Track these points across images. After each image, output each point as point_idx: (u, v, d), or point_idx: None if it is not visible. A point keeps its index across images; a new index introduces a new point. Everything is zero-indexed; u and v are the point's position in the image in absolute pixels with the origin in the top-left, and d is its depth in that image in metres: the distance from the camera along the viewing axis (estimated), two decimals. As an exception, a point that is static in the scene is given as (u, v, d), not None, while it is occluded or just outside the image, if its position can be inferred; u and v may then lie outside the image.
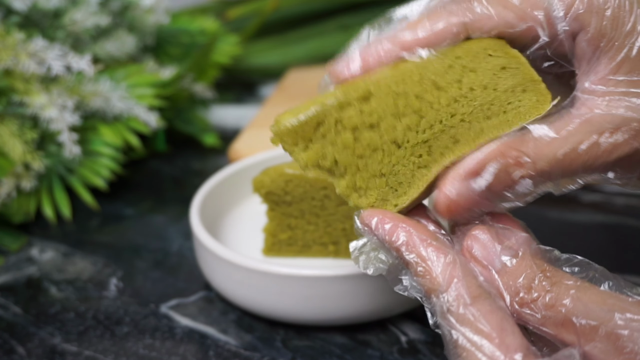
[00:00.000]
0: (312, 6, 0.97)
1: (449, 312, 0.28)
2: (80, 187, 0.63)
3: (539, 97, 0.33)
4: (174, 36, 0.81)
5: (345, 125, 0.32)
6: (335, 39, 0.95)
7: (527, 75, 0.33)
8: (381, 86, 0.33)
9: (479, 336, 0.27)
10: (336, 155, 0.33)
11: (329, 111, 0.32)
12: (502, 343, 0.27)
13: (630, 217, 0.57)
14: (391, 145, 0.33)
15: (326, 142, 0.32)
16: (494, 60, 0.33)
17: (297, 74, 0.89)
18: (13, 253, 0.58)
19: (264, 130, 0.73)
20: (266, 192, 0.50)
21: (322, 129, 0.32)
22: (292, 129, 0.32)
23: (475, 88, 0.33)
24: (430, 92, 0.33)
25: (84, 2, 0.68)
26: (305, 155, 0.33)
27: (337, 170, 0.33)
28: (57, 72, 0.61)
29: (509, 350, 0.27)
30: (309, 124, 0.32)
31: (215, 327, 0.47)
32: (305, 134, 0.32)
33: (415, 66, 0.33)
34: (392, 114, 0.32)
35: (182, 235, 0.59)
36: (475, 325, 0.28)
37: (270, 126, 0.33)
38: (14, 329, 0.48)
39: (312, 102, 0.33)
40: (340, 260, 0.51)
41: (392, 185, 0.33)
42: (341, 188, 0.33)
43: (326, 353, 0.44)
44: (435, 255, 0.30)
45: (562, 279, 0.29)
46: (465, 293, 0.28)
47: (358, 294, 0.44)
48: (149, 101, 0.67)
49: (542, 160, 0.31)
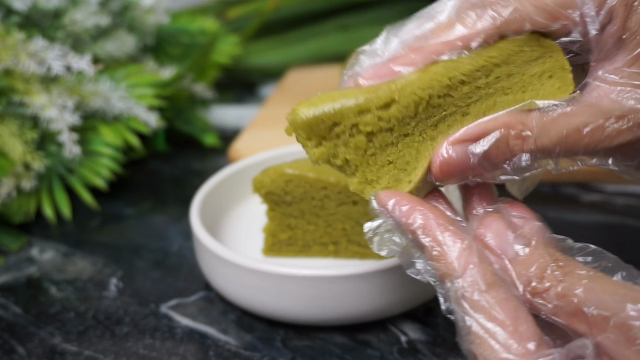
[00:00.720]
0: (312, 6, 0.97)
1: (464, 298, 0.28)
2: (80, 187, 0.63)
3: (562, 85, 0.33)
4: (174, 36, 0.81)
5: (361, 130, 0.32)
6: (335, 39, 0.95)
7: (558, 62, 0.33)
8: (406, 93, 0.32)
9: (492, 323, 0.27)
10: (347, 155, 0.33)
11: (347, 114, 0.32)
12: (516, 331, 0.27)
13: (630, 217, 0.57)
14: (401, 137, 0.33)
15: (339, 142, 0.32)
16: (527, 54, 0.33)
17: (297, 74, 0.89)
18: (13, 253, 0.58)
19: (264, 130, 0.74)
20: (266, 192, 0.50)
21: (337, 129, 0.32)
22: (308, 123, 0.32)
23: (502, 77, 0.33)
24: (455, 89, 0.32)
25: (84, 2, 0.68)
26: (318, 152, 0.32)
27: (349, 169, 0.33)
28: (57, 72, 0.61)
29: (523, 338, 0.27)
30: (325, 122, 0.32)
31: (215, 327, 0.47)
32: (319, 131, 0.32)
33: (445, 68, 0.32)
34: (409, 116, 0.32)
35: (182, 235, 0.59)
36: (490, 312, 0.27)
37: (287, 114, 0.32)
38: (14, 329, 0.48)
39: (331, 97, 0.32)
40: (340, 260, 0.51)
41: (401, 167, 0.33)
42: (354, 185, 0.33)
43: (326, 353, 0.44)
44: (452, 240, 0.30)
45: (575, 269, 0.28)
46: (480, 279, 0.28)
47: (358, 294, 0.44)
48: (149, 101, 0.67)
49: (545, 136, 0.31)
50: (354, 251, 0.50)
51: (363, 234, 0.49)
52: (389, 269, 0.43)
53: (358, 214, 0.49)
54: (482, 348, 0.27)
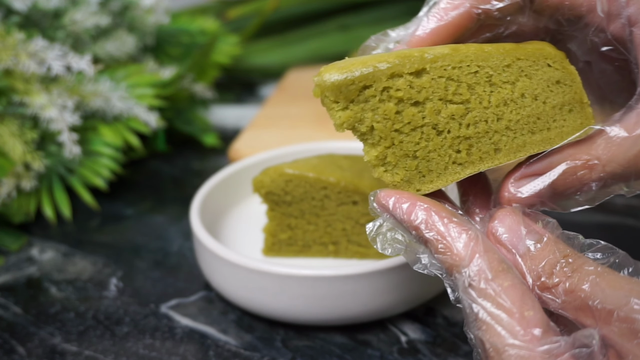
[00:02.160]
0: (312, 6, 0.97)
1: (471, 286, 0.29)
2: (80, 187, 0.63)
3: (583, 121, 0.34)
4: (174, 36, 0.81)
5: (392, 95, 0.31)
6: (335, 39, 0.95)
7: (577, 95, 0.34)
8: (437, 66, 0.32)
9: (499, 310, 0.28)
10: (374, 122, 0.32)
11: (378, 76, 0.31)
12: (522, 318, 0.27)
13: (630, 217, 0.57)
14: (431, 129, 0.32)
15: (367, 106, 0.32)
16: (551, 71, 0.33)
17: (297, 74, 0.89)
18: (13, 253, 0.58)
19: (264, 130, 0.74)
20: (266, 192, 0.50)
21: (367, 92, 0.31)
22: (337, 85, 0.31)
23: (526, 96, 0.33)
24: (483, 85, 0.32)
25: (84, 2, 0.68)
26: (344, 115, 0.32)
27: (371, 138, 0.32)
28: (57, 72, 0.61)
29: (529, 325, 0.27)
30: (356, 84, 0.31)
31: (215, 327, 0.47)
32: (348, 94, 0.31)
33: (475, 55, 0.32)
34: (439, 97, 0.32)
35: (182, 235, 0.59)
36: (496, 299, 0.28)
37: (314, 76, 0.32)
38: (14, 329, 0.48)
39: (362, 62, 0.31)
40: (340, 260, 0.51)
41: (422, 170, 0.32)
42: (370, 156, 0.32)
43: (326, 353, 0.44)
44: (456, 231, 0.30)
45: (583, 265, 0.29)
46: (487, 268, 0.29)
47: (358, 294, 0.44)
48: (149, 101, 0.67)
49: (613, 162, 0.31)
50: (354, 251, 0.51)
51: (363, 234, 0.50)
52: (389, 269, 0.43)
53: (358, 214, 0.49)
54: (489, 334, 0.27)
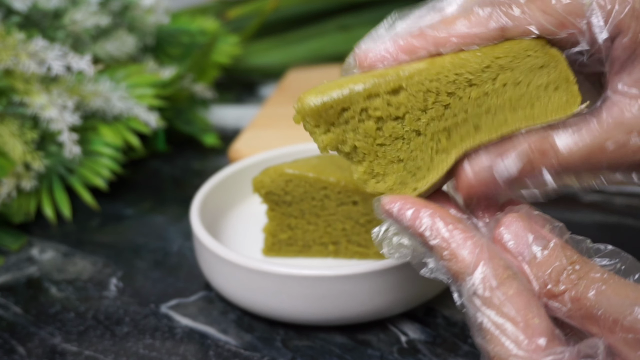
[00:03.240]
0: (312, 6, 0.97)
1: (475, 294, 0.28)
2: (80, 187, 0.63)
3: (569, 98, 0.33)
4: (174, 36, 0.81)
5: (370, 115, 0.32)
6: (335, 39, 0.95)
7: (562, 73, 0.33)
8: (414, 82, 0.32)
9: (503, 319, 0.28)
10: (356, 142, 0.32)
11: (355, 98, 0.32)
12: (527, 327, 0.27)
13: (630, 217, 0.57)
14: (411, 133, 0.32)
15: (348, 128, 0.32)
16: (532, 60, 0.33)
17: (297, 74, 0.89)
18: (13, 253, 0.58)
19: (264, 130, 0.74)
20: (266, 192, 0.50)
21: (346, 114, 0.32)
22: (316, 110, 0.32)
23: (508, 84, 0.33)
24: (463, 88, 0.32)
25: (84, 2, 0.68)
26: (326, 138, 0.32)
27: (356, 156, 0.33)
28: (57, 72, 0.61)
29: (534, 334, 0.27)
30: (334, 107, 0.32)
31: (215, 327, 0.47)
32: (328, 117, 0.32)
33: (452, 64, 0.32)
34: (419, 109, 0.32)
35: (182, 235, 0.59)
36: (500, 308, 0.28)
37: (294, 103, 0.32)
38: (14, 329, 0.48)
39: (338, 84, 0.32)
40: (340, 260, 0.51)
41: (410, 170, 0.33)
42: (359, 174, 0.33)
43: (326, 353, 0.44)
44: (461, 238, 0.30)
45: (590, 272, 0.29)
46: (491, 276, 0.28)
47: (358, 294, 0.44)
48: (149, 101, 0.67)
49: (568, 153, 0.31)
50: (354, 251, 0.51)
51: (363, 234, 0.50)
52: (389, 269, 0.43)
53: (358, 214, 0.49)
54: (494, 344, 0.27)
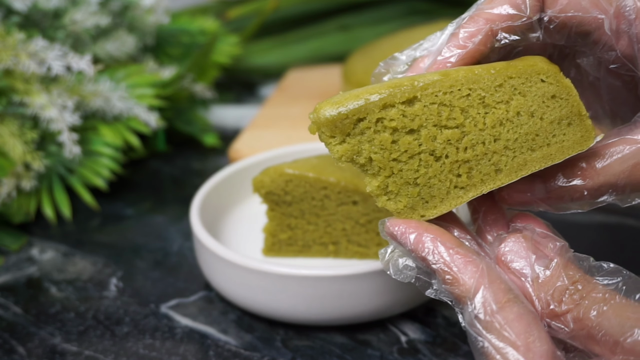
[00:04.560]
0: (312, 6, 0.97)
1: (476, 319, 0.29)
2: (80, 187, 0.63)
3: (584, 133, 0.33)
4: (174, 36, 0.81)
5: (386, 126, 0.32)
6: (335, 39, 0.95)
7: (574, 108, 0.33)
8: (428, 93, 0.32)
9: (504, 344, 0.28)
10: (372, 154, 0.32)
11: (371, 108, 0.32)
12: (528, 350, 0.27)
13: (630, 217, 0.57)
14: (429, 156, 0.32)
15: (364, 139, 0.32)
16: (545, 87, 0.33)
17: (297, 74, 0.89)
18: (13, 253, 0.58)
19: (264, 130, 0.74)
20: (266, 192, 0.50)
21: (362, 125, 0.32)
22: (332, 120, 0.32)
23: (522, 114, 0.33)
24: (476, 108, 0.32)
25: (84, 2, 0.68)
26: (341, 149, 0.32)
27: (371, 169, 0.33)
28: (57, 72, 0.61)
29: (535, 357, 0.27)
30: (350, 118, 0.32)
31: (215, 327, 0.47)
32: (344, 128, 0.32)
33: (466, 78, 0.32)
34: (433, 124, 0.32)
35: (182, 235, 0.59)
36: (501, 332, 0.28)
37: (310, 114, 0.32)
38: (14, 328, 0.48)
39: (354, 95, 0.32)
40: (340, 260, 0.51)
41: (424, 196, 0.33)
42: (372, 187, 0.33)
43: (326, 353, 0.44)
44: (462, 262, 0.30)
45: (592, 292, 0.29)
46: (492, 300, 0.29)
47: (358, 294, 0.44)
48: (149, 101, 0.67)
49: (608, 172, 0.32)
50: (354, 251, 0.51)
51: (363, 234, 0.50)
52: (389, 269, 0.43)
53: (358, 214, 0.49)
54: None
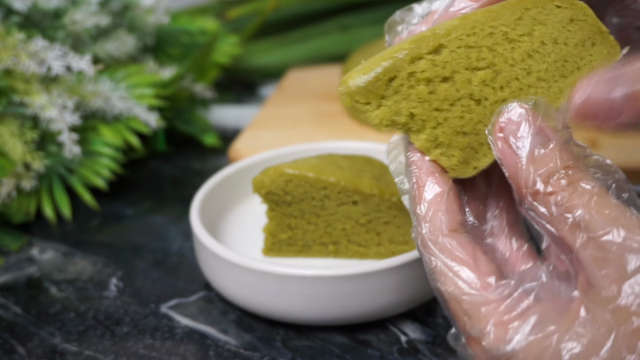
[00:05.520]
0: (312, 6, 0.97)
1: (430, 240, 0.30)
2: (80, 187, 0.63)
3: (609, 50, 0.33)
4: (174, 36, 0.81)
5: (419, 78, 0.31)
6: (335, 39, 0.95)
7: (594, 27, 0.33)
8: (452, 38, 0.31)
9: (455, 262, 0.30)
10: (412, 109, 0.31)
11: (400, 65, 0.31)
12: (477, 269, 0.29)
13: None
14: (469, 100, 0.32)
15: (399, 97, 0.31)
16: (561, 12, 0.33)
17: (297, 74, 0.89)
18: (13, 253, 0.58)
19: (264, 130, 0.74)
20: (266, 192, 0.50)
21: (394, 83, 0.31)
22: (364, 87, 0.31)
23: (546, 42, 0.33)
24: (502, 44, 0.32)
25: (84, 2, 0.68)
26: (380, 113, 0.31)
27: (414, 125, 0.32)
28: (57, 72, 0.61)
29: (483, 274, 0.29)
30: (381, 79, 0.31)
31: (215, 327, 0.47)
32: (377, 91, 0.31)
33: (485, 17, 0.32)
34: (465, 67, 0.32)
35: (182, 235, 0.59)
36: (453, 252, 0.30)
37: (339, 87, 0.32)
38: (14, 328, 0.48)
39: (379, 58, 0.31)
40: (340, 260, 0.51)
41: (474, 146, 0.32)
42: (420, 142, 0.32)
43: (326, 353, 0.44)
44: (431, 184, 0.31)
45: (581, 181, 0.29)
46: (444, 225, 0.30)
47: (358, 294, 0.44)
48: (149, 101, 0.67)
49: None
50: (354, 251, 0.51)
51: (363, 234, 0.50)
52: (389, 269, 0.43)
53: (358, 214, 0.49)
54: (447, 285, 0.30)
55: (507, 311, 0.28)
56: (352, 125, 0.75)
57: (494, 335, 0.28)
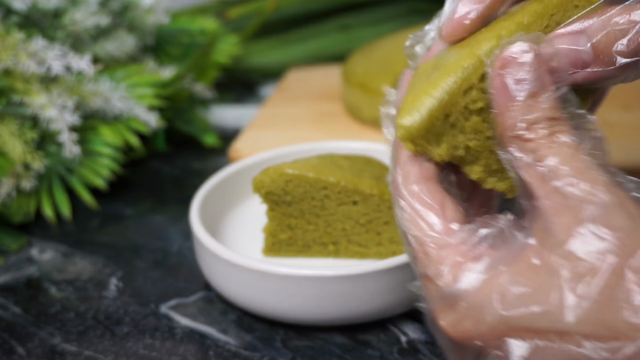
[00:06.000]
0: (312, 6, 0.97)
1: (402, 184, 0.32)
2: (80, 187, 0.63)
3: None
4: (174, 36, 0.81)
5: (472, 110, 0.31)
6: (335, 39, 0.95)
7: None
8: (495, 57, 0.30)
9: (422, 206, 0.31)
10: (468, 142, 0.31)
11: (454, 100, 0.30)
12: (442, 214, 0.31)
13: None
14: None
15: (456, 131, 0.31)
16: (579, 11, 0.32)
17: (297, 74, 0.89)
18: (13, 253, 0.58)
19: (264, 130, 0.74)
20: (266, 192, 0.50)
21: (451, 119, 0.31)
22: (424, 128, 0.30)
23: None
24: None
25: (84, 2, 0.68)
26: (442, 150, 0.31)
27: (470, 157, 0.32)
28: (57, 72, 0.61)
29: (447, 220, 0.31)
30: (438, 117, 0.30)
31: (215, 327, 0.47)
32: (436, 129, 0.31)
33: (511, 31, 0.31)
34: None
35: (182, 235, 0.59)
36: (421, 197, 0.31)
37: (397, 133, 0.31)
38: (14, 329, 0.48)
39: (427, 94, 0.30)
40: (340, 260, 0.51)
41: None
42: (476, 174, 0.32)
43: (326, 353, 0.44)
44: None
45: (560, 133, 0.29)
46: (417, 172, 0.32)
47: (358, 294, 0.44)
48: (149, 101, 0.67)
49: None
50: (354, 251, 0.51)
51: (363, 234, 0.50)
52: (389, 269, 0.43)
53: (358, 214, 0.49)
54: (411, 227, 0.31)
55: (463, 254, 0.30)
56: (352, 125, 0.75)
57: (448, 275, 0.29)
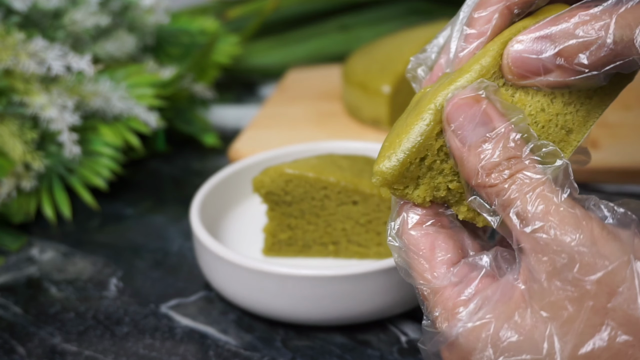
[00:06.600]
0: (312, 6, 0.97)
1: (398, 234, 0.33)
2: (80, 187, 0.63)
3: None
4: (174, 36, 0.81)
5: (447, 152, 0.31)
6: (335, 39, 0.95)
7: None
8: None
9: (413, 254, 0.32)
10: (448, 184, 0.31)
11: (427, 142, 0.30)
12: (432, 258, 0.31)
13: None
14: None
15: (434, 172, 0.31)
16: None
17: (297, 74, 0.89)
18: (13, 253, 0.58)
19: (264, 130, 0.74)
20: (266, 192, 0.50)
21: (426, 162, 0.31)
22: (398, 173, 0.30)
23: None
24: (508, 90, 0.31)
25: (84, 2, 0.68)
26: (420, 192, 0.31)
27: (453, 197, 0.32)
28: (57, 72, 0.61)
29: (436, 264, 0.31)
30: (412, 162, 0.30)
31: (215, 327, 0.47)
32: (412, 174, 0.31)
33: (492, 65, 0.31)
34: None
35: (182, 235, 0.59)
36: (409, 246, 0.32)
37: (373, 180, 0.31)
38: (14, 329, 0.48)
39: (401, 138, 0.30)
40: (340, 260, 0.51)
41: None
42: (462, 214, 0.32)
43: (326, 353, 0.44)
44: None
45: (521, 172, 0.29)
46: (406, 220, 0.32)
47: (358, 294, 0.44)
48: (149, 101, 0.67)
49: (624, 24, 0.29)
50: (354, 251, 0.51)
51: (363, 234, 0.50)
52: (389, 269, 0.43)
53: (358, 214, 0.49)
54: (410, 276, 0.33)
55: (453, 297, 0.30)
56: (352, 125, 0.75)
57: (443, 321, 0.30)
